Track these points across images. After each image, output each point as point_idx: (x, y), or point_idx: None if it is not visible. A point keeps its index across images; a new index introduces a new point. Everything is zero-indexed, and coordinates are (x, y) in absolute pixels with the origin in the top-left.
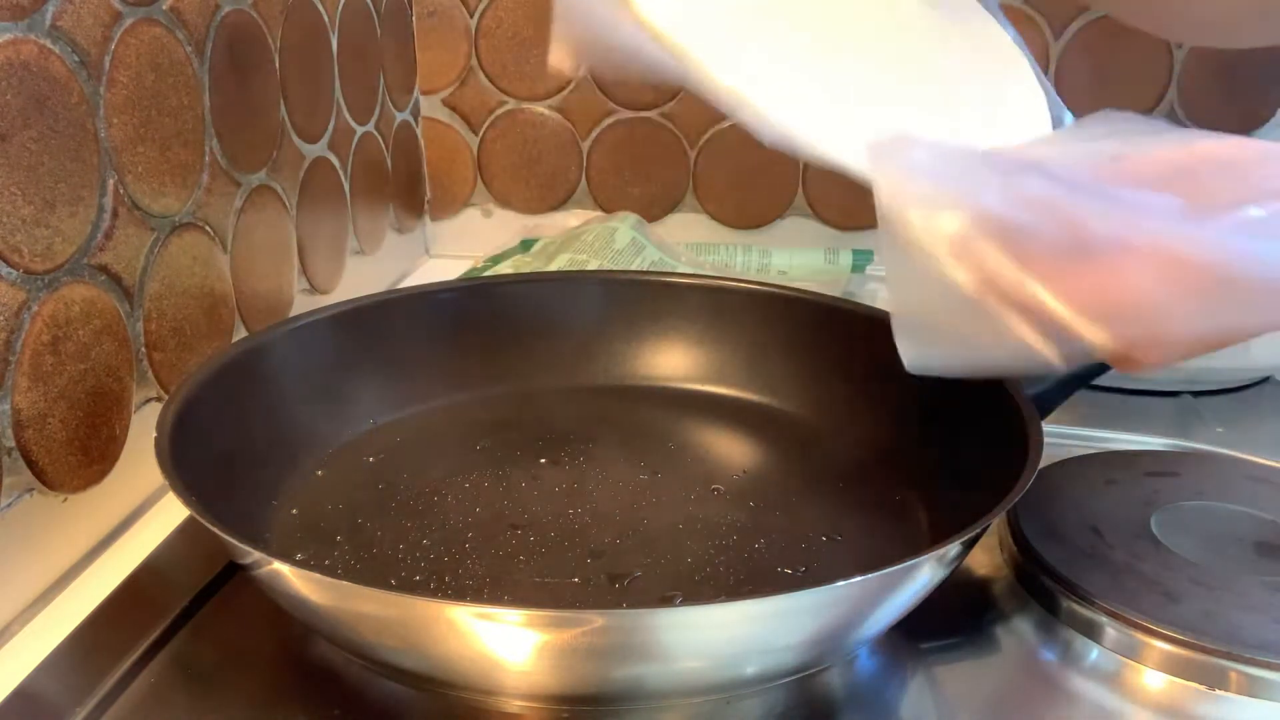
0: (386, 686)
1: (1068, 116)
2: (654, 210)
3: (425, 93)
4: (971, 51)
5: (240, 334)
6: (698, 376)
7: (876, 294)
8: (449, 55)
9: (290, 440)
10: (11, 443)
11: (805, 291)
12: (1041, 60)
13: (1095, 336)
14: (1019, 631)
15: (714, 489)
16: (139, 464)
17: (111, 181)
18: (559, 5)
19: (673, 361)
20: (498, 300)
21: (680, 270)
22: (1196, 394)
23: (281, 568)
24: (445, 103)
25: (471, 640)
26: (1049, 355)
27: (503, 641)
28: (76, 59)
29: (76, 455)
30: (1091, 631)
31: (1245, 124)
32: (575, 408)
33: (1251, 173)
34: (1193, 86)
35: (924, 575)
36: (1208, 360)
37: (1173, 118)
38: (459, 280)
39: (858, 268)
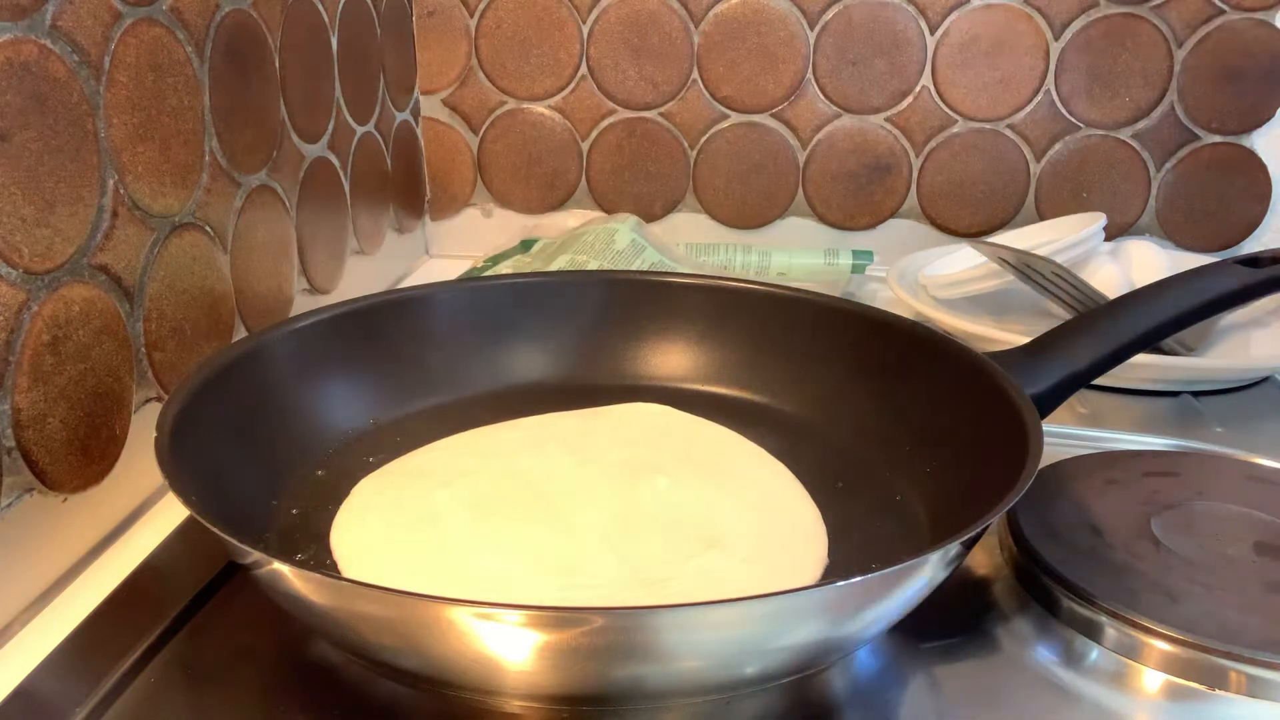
0: (386, 686)
1: None
2: (654, 210)
3: (425, 93)
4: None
5: (240, 334)
6: (698, 376)
7: (876, 294)
8: (449, 55)
9: (290, 440)
10: (11, 443)
11: (805, 291)
12: (1042, 60)
13: None
14: (1019, 631)
15: None
16: (139, 464)
17: (111, 181)
18: None
19: (673, 361)
20: (498, 300)
21: (680, 270)
22: (1196, 394)
23: (281, 568)
24: (445, 103)
25: (471, 640)
26: None
27: (503, 641)
28: (76, 59)
29: (76, 455)
30: (1091, 631)
31: (1245, 124)
32: (575, 408)
33: None
34: (1193, 86)
35: (924, 575)
36: (1208, 360)
37: (1173, 118)
38: (459, 280)
39: (858, 268)
